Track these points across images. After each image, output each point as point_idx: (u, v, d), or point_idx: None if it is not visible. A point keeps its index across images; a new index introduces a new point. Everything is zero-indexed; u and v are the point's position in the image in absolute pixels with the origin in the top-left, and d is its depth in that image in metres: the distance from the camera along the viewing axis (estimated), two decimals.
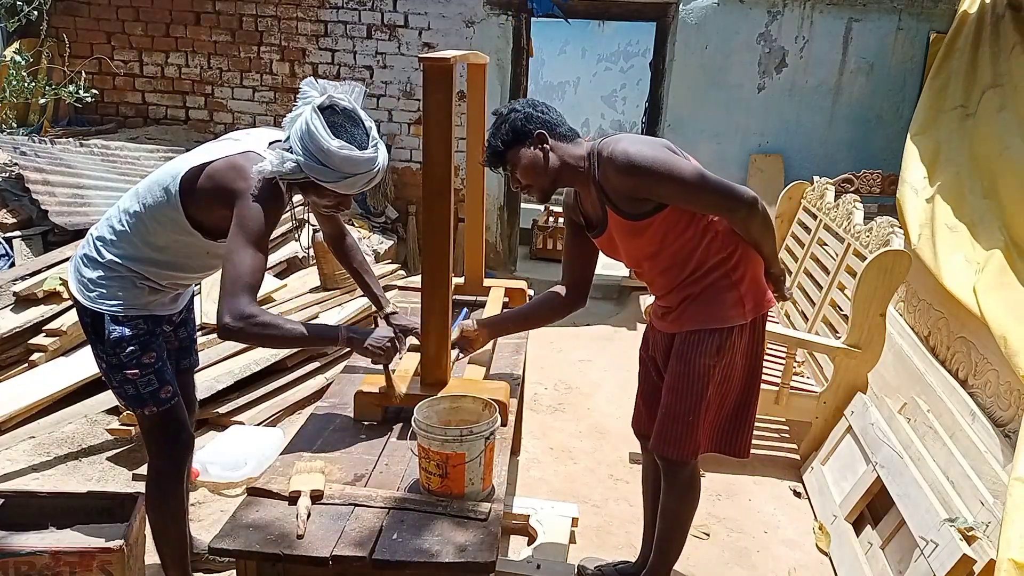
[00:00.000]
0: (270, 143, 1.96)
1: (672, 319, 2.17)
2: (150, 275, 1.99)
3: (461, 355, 2.27)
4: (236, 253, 1.79)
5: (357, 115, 1.88)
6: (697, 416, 2.14)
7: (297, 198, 1.99)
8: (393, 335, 1.96)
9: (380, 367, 1.99)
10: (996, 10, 4.32)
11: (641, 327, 3.74)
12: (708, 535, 2.86)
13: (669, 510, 2.28)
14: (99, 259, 1.99)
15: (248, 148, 1.91)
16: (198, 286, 2.17)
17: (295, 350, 3.59)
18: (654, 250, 2.09)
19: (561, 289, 2.31)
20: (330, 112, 1.83)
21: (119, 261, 1.97)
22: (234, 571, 2.23)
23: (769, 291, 2.20)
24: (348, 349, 1.98)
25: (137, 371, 1.99)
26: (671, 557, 2.36)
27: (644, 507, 2.56)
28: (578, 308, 2.33)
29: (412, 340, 2.33)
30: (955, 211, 3.47)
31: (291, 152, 1.81)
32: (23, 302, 3.54)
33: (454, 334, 2.19)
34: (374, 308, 2.43)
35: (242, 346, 3.58)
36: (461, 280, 2.94)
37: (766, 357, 3.32)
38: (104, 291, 1.97)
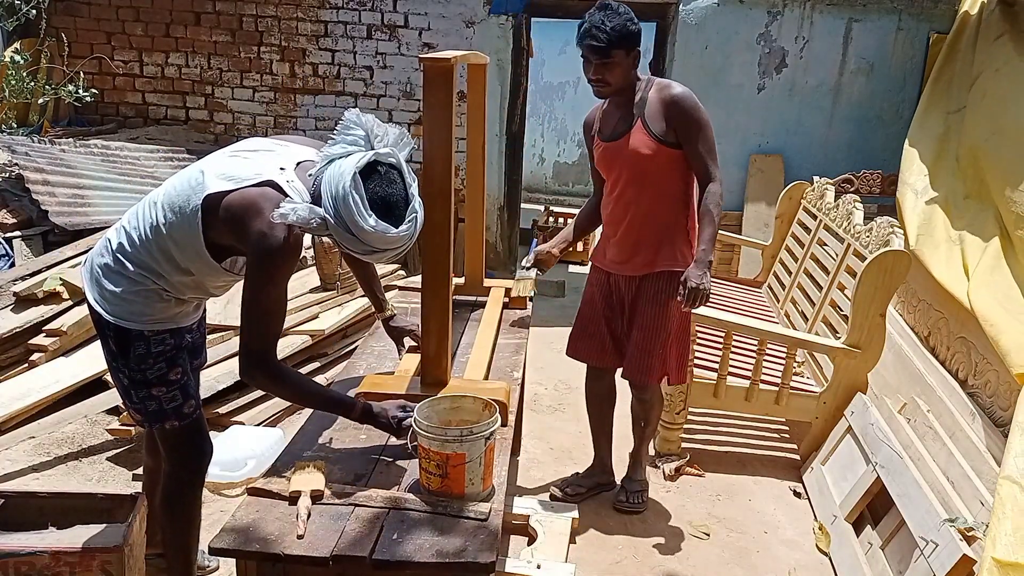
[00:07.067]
0: (298, 163, 1.82)
1: (641, 262, 2.67)
2: (172, 287, 1.89)
3: (538, 274, 2.91)
4: (254, 303, 1.71)
5: (401, 175, 1.71)
6: (666, 347, 2.72)
7: None
8: (404, 411, 1.87)
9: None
10: (989, 5, 4.32)
11: None
12: (708, 535, 2.86)
13: (652, 416, 2.96)
14: (122, 272, 1.86)
15: (268, 177, 1.74)
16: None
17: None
18: (653, 168, 2.57)
19: (596, 199, 2.88)
20: (370, 170, 1.66)
21: (145, 274, 1.85)
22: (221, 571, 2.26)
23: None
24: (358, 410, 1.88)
25: (163, 388, 1.92)
26: (649, 441, 3.07)
27: (592, 424, 3.09)
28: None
29: (410, 341, 2.34)
30: (951, 213, 3.47)
31: (320, 206, 1.65)
32: (23, 302, 3.54)
33: (530, 259, 2.87)
34: (374, 310, 2.43)
35: None
36: (461, 280, 2.94)
37: (767, 357, 3.35)
38: (130, 306, 1.86)
